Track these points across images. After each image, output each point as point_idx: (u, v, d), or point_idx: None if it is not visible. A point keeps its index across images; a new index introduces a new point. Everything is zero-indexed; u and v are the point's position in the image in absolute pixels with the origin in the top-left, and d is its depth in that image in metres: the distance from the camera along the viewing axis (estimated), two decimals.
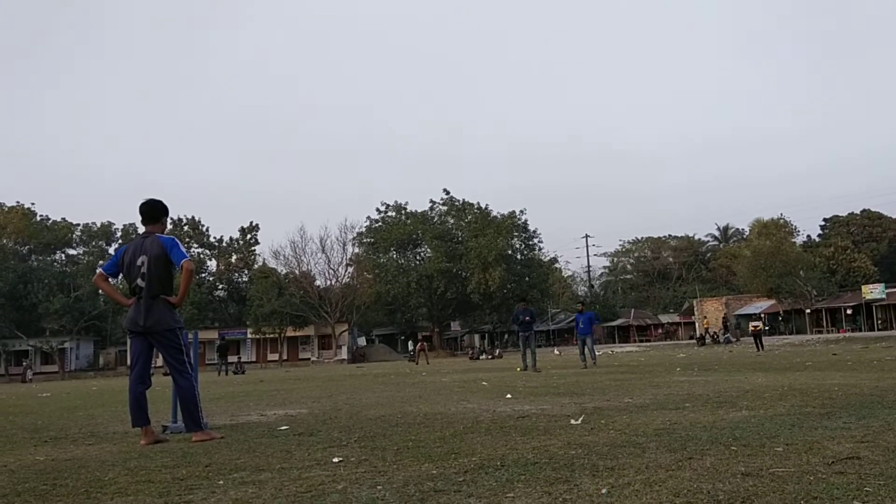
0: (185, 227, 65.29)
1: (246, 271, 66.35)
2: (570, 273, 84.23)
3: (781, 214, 62.25)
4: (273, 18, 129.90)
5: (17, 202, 63.78)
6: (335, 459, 4.07)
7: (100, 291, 44.83)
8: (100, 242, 65.87)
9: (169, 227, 5.88)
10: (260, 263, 64.40)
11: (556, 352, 38.06)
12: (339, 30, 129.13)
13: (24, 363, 53.43)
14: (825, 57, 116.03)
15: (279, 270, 60.64)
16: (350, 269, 61.14)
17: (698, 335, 47.40)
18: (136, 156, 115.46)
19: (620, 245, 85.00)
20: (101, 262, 57.09)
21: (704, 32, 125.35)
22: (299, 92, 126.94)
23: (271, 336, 59.40)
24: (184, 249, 5.53)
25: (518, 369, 17.19)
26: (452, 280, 58.33)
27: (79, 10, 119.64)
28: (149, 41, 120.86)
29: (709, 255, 78.21)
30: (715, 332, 45.10)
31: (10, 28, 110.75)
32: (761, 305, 54.88)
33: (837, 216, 68.42)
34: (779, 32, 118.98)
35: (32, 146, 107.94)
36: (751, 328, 28.95)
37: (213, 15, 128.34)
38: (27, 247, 64.63)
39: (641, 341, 58.37)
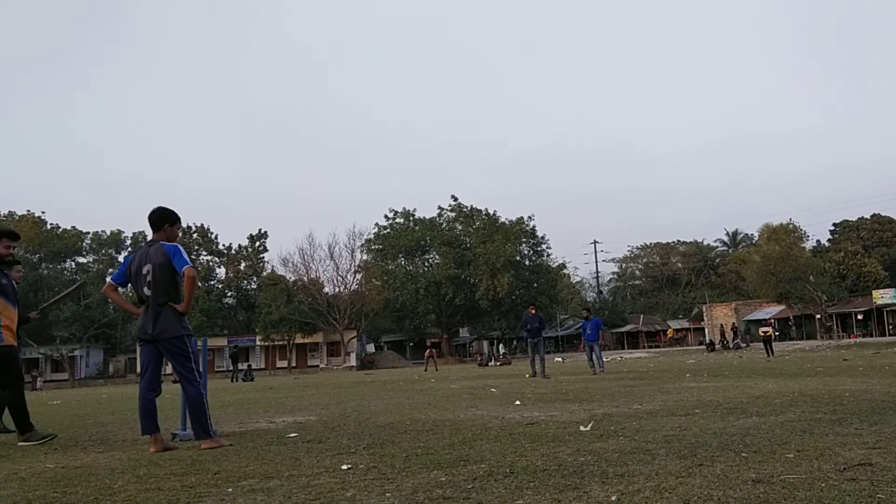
0: (195, 235, 65.57)
1: (255, 278, 66.54)
2: (578, 279, 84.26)
3: (791, 219, 62.01)
4: (280, 24, 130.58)
5: (28, 211, 64.37)
6: (344, 467, 4.07)
7: (109, 300, 45.04)
8: (109, 250, 66.25)
9: (178, 234, 5.88)
10: (269, 270, 64.62)
11: (559, 359, 37.98)
12: (349, 35, 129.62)
13: (34, 371, 53.71)
14: (834, 61, 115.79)
15: (288, 277, 60.82)
16: (358, 276, 61.26)
17: (708, 341, 47.24)
18: (145, 162, 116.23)
19: (629, 251, 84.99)
20: (110, 269, 57.52)
21: (714, 38, 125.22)
22: (304, 99, 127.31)
23: (280, 343, 59.51)
24: (186, 257, 5.51)
25: (527, 375, 17.16)
26: (461, 286, 58.31)
27: (85, 16, 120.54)
28: (155, 47, 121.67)
29: (718, 260, 77.95)
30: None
31: (16, 31, 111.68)
32: (771, 311, 54.61)
33: (847, 221, 68.06)
34: (789, 36, 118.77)
35: (44, 151, 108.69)
36: (761, 333, 28.86)
37: (223, 17, 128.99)
38: (38, 255, 65.01)
39: (651, 347, 58.17)
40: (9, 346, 6.43)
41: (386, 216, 63.06)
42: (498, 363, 40.84)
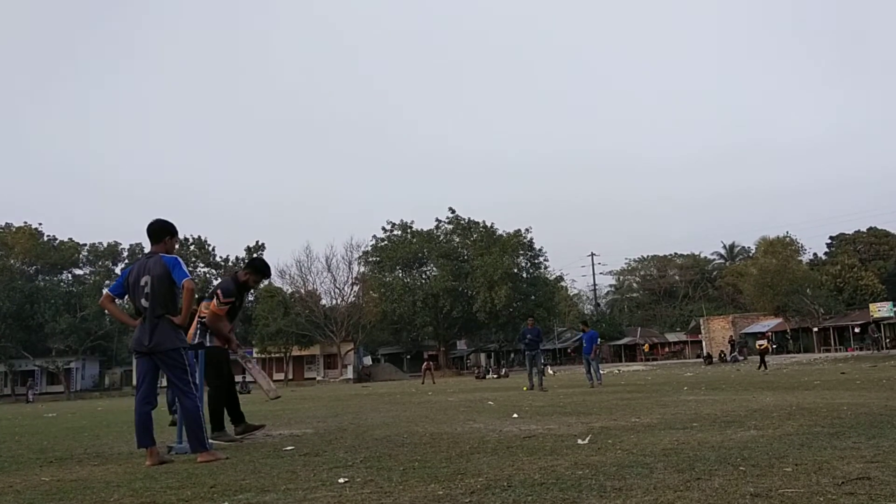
0: (192, 247, 65.48)
1: (251, 290, 66.37)
2: (576, 291, 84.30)
3: (787, 232, 62.26)
4: (280, 34, 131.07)
5: (25, 222, 64.23)
6: (341, 480, 4.05)
7: (106, 311, 44.90)
8: (106, 262, 66.11)
9: (176, 247, 5.89)
10: (266, 282, 64.49)
11: (551, 371, 37.86)
12: (349, 39, 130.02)
13: (28, 383, 53.55)
14: (833, 72, 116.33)
15: (285, 290, 60.71)
16: (356, 288, 61.21)
17: (706, 354, 47.19)
18: (142, 173, 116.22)
19: (626, 263, 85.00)
20: (107, 281, 57.38)
21: (714, 48, 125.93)
22: (302, 106, 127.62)
23: (277, 355, 59.33)
24: (185, 269, 5.53)
25: (524, 388, 17.13)
26: (458, 299, 58.32)
27: (84, 21, 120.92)
28: (156, 51, 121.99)
29: (715, 273, 78.01)
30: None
31: (12, 36, 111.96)
32: (768, 324, 54.65)
33: (844, 234, 68.25)
34: (788, 46, 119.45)
35: (41, 162, 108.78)
36: (757, 347, 28.95)
37: (222, 24, 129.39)
38: (34, 267, 64.84)
39: (648, 360, 58.12)
40: (217, 346, 6.87)
41: (384, 228, 63.18)
42: (496, 376, 40.65)
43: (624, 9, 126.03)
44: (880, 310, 47.93)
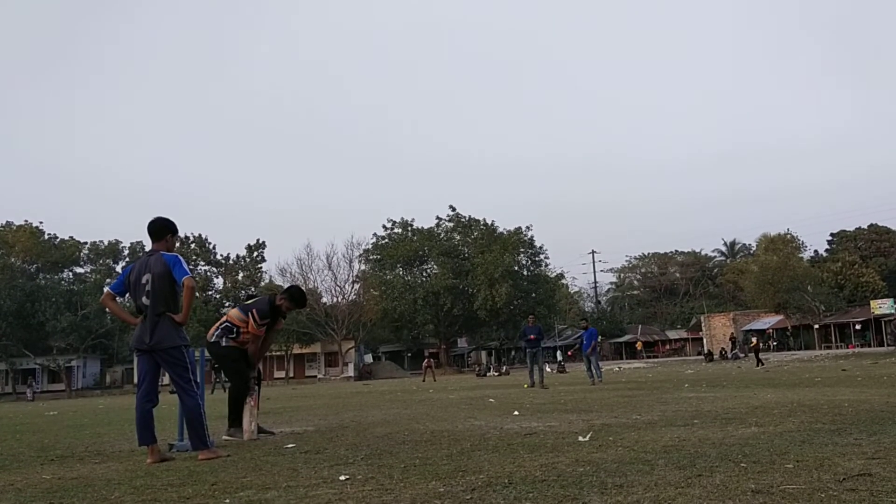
0: (192, 245, 65.53)
1: (252, 288, 66.45)
2: (576, 289, 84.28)
3: (788, 229, 62.21)
4: (281, 32, 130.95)
5: (26, 221, 64.31)
6: (342, 477, 4.05)
7: (107, 310, 44.92)
8: (107, 261, 66.20)
9: (176, 244, 5.89)
10: (266, 281, 64.49)
11: (549, 369, 37.88)
12: (349, 44, 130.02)
13: (29, 381, 53.55)
14: (833, 69, 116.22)
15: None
16: (356, 286, 61.21)
17: (707, 351, 47.19)
18: (142, 171, 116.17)
19: (627, 261, 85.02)
20: (108, 279, 57.41)
21: (714, 46, 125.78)
22: (302, 107, 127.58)
23: (277, 353, 59.35)
24: (186, 267, 5.53)
25: (525, 386, 17.14)
26: (459, 296, 58.31)
27: (84, 20, 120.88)
28: (154, 55, 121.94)
29: (716, 270, 78.05)
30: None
31: (12, 36, 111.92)
32: (769, 321, 54.63)
33: (844, 231, 68.25)
34: (789, 44, 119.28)
35: (42, 160, 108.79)
36: (750, 344, 29.09)
37: (223, 23, 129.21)
38: (35, 265, 64.94)
39: (649, 357, 58.14)
40: (233, 347, 6.92)
41: (384, 226, 63.14)
42: (497, 373, 40.67)
43: (624, 10, 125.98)
44: (881, 307, 47.88)
